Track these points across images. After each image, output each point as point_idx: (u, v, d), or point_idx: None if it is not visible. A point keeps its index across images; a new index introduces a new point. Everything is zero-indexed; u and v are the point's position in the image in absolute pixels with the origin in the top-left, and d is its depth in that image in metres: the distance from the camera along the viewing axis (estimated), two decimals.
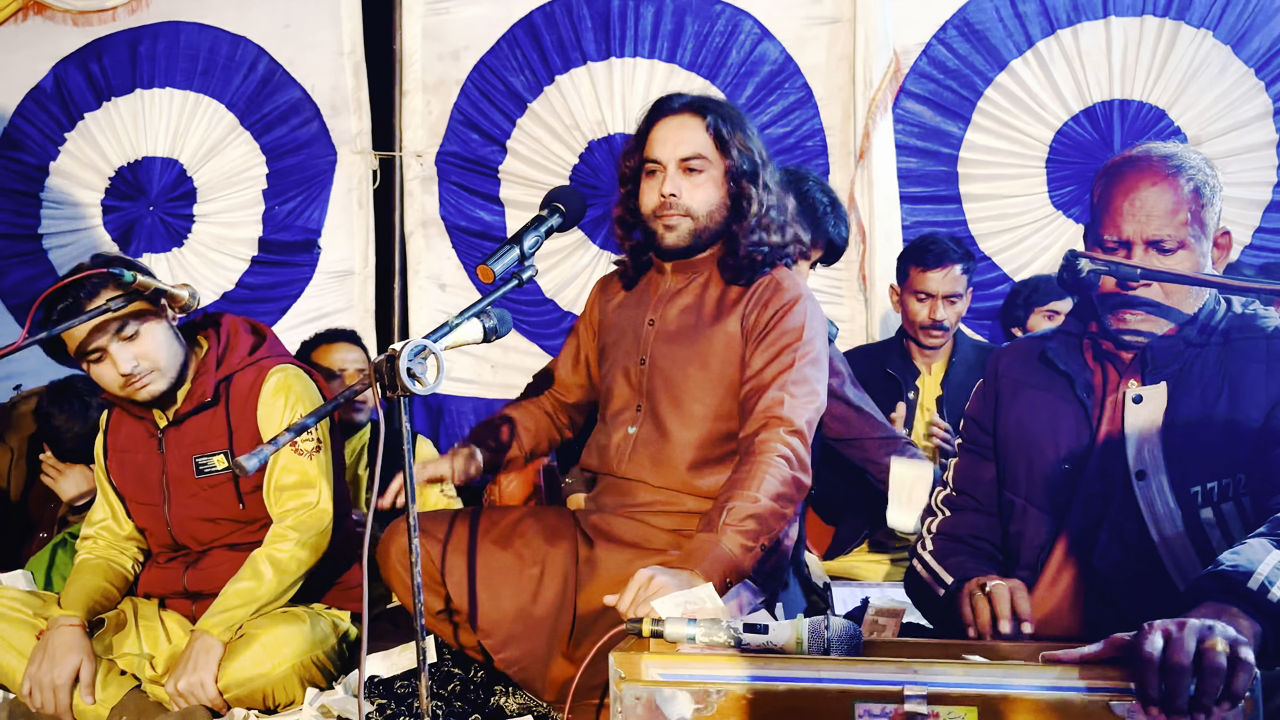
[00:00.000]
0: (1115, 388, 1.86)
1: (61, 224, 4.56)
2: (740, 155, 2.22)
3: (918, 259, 3.22)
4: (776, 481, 2.03)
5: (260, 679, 2.23)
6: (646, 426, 2.26)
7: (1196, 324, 1.82)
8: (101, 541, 2.56)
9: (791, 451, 2.07)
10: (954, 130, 3.85)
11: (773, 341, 2.19)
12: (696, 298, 2.29)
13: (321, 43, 4.35)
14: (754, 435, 2.11)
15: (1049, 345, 1.96)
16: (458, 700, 2.21)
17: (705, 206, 2.23)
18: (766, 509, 1.99)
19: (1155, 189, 1.79)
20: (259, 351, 2.54)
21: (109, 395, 2.43)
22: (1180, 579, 1.73)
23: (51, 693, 2.25)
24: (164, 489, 2.46)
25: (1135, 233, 1.80)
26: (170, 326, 2.43)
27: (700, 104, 2.26)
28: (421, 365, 1.68)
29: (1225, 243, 1.86)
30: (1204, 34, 3.61)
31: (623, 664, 1.42)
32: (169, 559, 2.53)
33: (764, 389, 2.14)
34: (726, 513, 1.97)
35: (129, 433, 2.52)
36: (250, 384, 2.46)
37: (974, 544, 2.00)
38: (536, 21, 4.16)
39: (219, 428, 2.44)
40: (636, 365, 2.29)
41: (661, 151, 2.24)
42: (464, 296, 4.31)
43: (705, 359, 2.23)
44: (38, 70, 4.55)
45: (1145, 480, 1.77)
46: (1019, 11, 3.75)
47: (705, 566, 1.90)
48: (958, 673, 1.33)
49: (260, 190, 4.42)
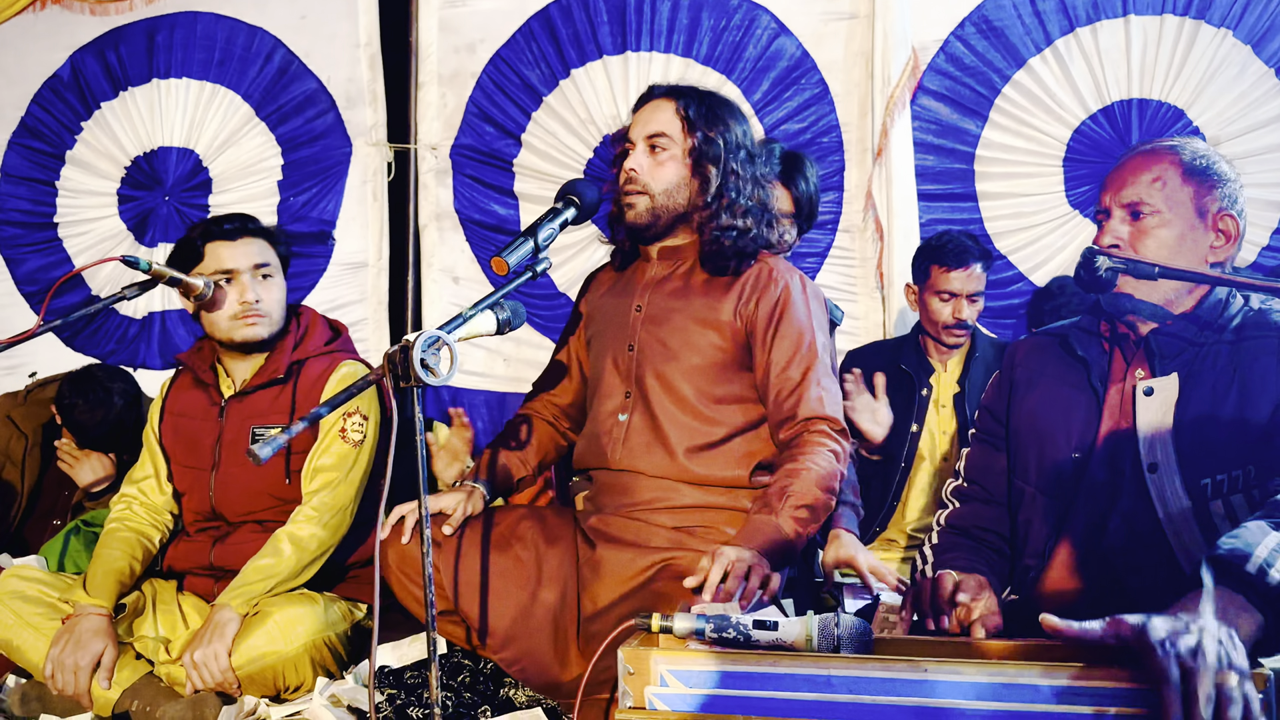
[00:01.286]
0: (1123, 376, 1.86)
1: (77, 213, 4.58)
2: (706, 138, 2.23)
3: (938, 258, 3.20)
4: (828, 476, 2.10)
5: (273, 656, 2.26)
6: (637, 413, 2.25)
7: (1202, 317, 1.82)
8: (137, 506, 2.61)
9: (841, 448, 2.16)
10: (971, 128, 3.83)
11: (786, 334, 2.21)
12: (683, 283, 2.29)
13: (338, 34, 4.36)
14: (800, 435, 2.16)
15: (1071, 333, 1.97)
16: (467, 691, 2.22)
17: (662, 184, 2.23)
18: (821, 500, 2.08)
19: (1140, 158, 1.84)
20: (334, 344, 2.64)
21: (205, 335, 2.58)
22: (1190, 568, 1.73)
23: (73, 675, 2.29)
24: (215, 455, 2.53)
25: (1113, 199, 1.85)
26: (285, 291, 2.59)
27: (681, 90, 2.29)
28: (435, 356, 1.68)
29: (1229, 229, 1.84)
30: (1224, 33, 3.58)
31: (631, 659, 1.42)
32: (200, 529, 2.57)
33: (799, 388, 2.18)
34: (786, 498, 2.04)
35: (190, 399, 2.60)
36: (321, 372, 2.55)
37: (978, 536, 2.01)
38: (553, 15, 4.16)
39: (283, 405, 2.52)
40: (625, 352, 2.29)
41: (634, 131, 2.28)
42: (477, 290, 4.31)
43: (694, 345, 2.23)
44: (55, 59, 4.57)
45: (1157, 472, 1.77)
46: (1038, 9, 3.73)
47: (762, 546, 1.96)
48: (970, 672, 1.32)
49: (275, 181, 4.42)
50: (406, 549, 2.20)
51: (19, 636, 2.37)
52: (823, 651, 1.47)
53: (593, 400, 2.37)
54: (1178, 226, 1.81)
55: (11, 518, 3.37)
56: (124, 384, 3.31)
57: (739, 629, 1.50)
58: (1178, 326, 1.83)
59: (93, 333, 4.54)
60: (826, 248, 3.97)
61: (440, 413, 4.30)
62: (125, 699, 2.30)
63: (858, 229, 3.92)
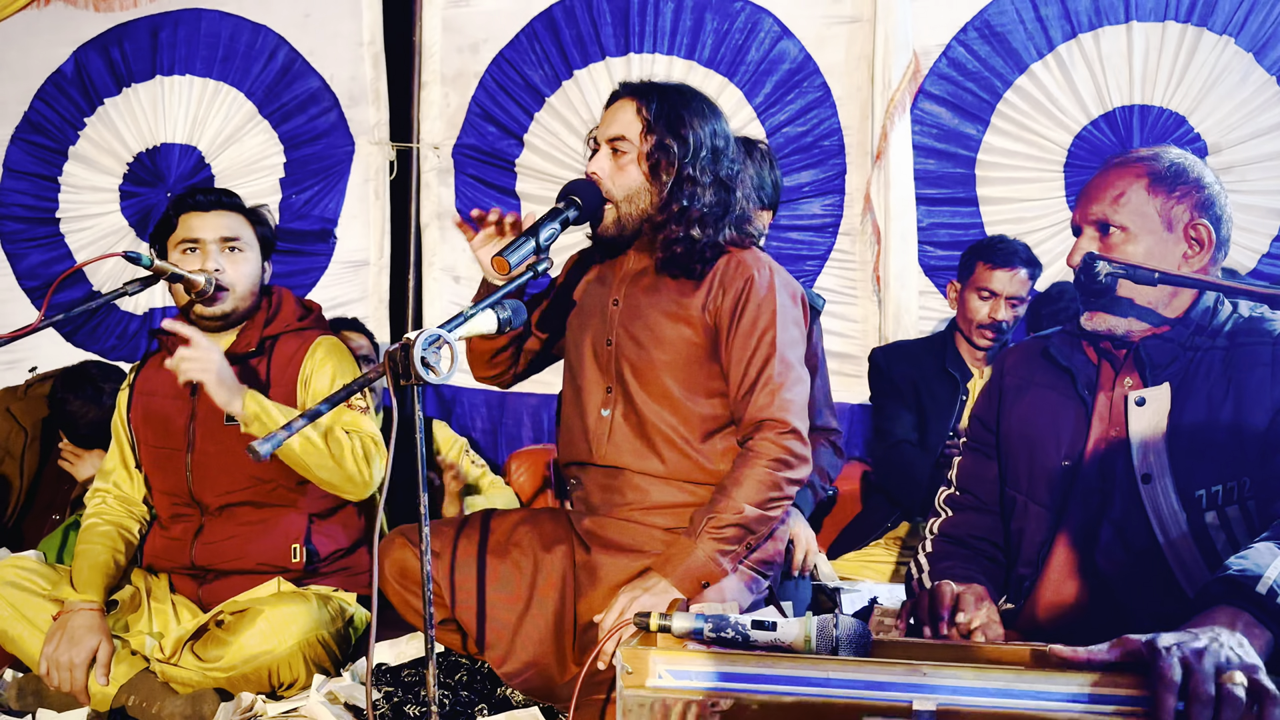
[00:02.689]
0: (1111, 384, 1.86)
1: (79, 208, 4.58)
2: (661, 143, 2.16)
3: (986, 256, 3.21)
4: (766, 487, 2.09)
5: (265, 656, 2.25)
6: (621, 408, 2.23)
7: (1191, 324, 1.82)
8: (111, 499, 2.59)
9: (786, 453, 2.12)
10: (972, 132, 3.83)
11: (747, 331, 2.17)
12: (655, 278, 2.26)
13: (341, 33, 4.36)
14: (749, 438, 2.15)
15: (1051, 342, 1.97)
16: (464, 690, 2.22)
17: (624, 190, 2.19)
18: (752, 516, 2.08)
19: (1108, 174, 1.86)
20: (307, 321, 2.65)
21: (177, 310, 2.59)
22: (1185, 580, 1.73)
23: (69, 672, 2.28)
24: (189, 436, 2.51)
25: (1082, 216, 1.87)
26: (261, 273, 2.60)
27: (644, 88, 2.22)
28: (435, 355, 1.68)
29: (1200, 236, 1.83)
30: (1226, 41, 3.58)
31: (630, 659, 1.42)
32: (175, 516, 2.54)
33: (752, 390, 2.15)
34: (708, 520, 2.07)
35: (162, 379, 2.56)
36: (295, 349, 2.55)
37: (973, 545, 2.01)
38: (556, 16, 4.16)
39: (256, 383, 2.50)
40: (604, 346, 2.27)
41: (599, 132, 2.25)
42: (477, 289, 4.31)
43: (667, 341, 2.21)
44: (59, 55, 4.57)
45: (1151, 483, 1.77)
46: (1040, 15, 3.73)
47: (679, 574, 2.04)
48: (968, 676, 1.32)
49: (277, 179, 4.43)
50: (404, 561, 2.20)
51: (14, 628, 2.37)
52: (821, 653, 1.48)
53: (570, 390, 2.35)
54: (1145, 241, 1.82)
55: (10, 512, 3.37)
56: (117, 383, 3.31)
57: (737, 629, 1.50)
58: (1167, 333, 1.83)
59: (93, 329, 4.55)
60: (827, 251, 3.97)
61: (439, 411, 4.30)
62: (122, 694, 2.29)
63: (858, 232, 3.93)
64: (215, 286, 2.47)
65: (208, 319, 2.51)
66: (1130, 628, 1.32)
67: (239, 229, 2.55)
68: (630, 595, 2.01)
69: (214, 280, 2.46)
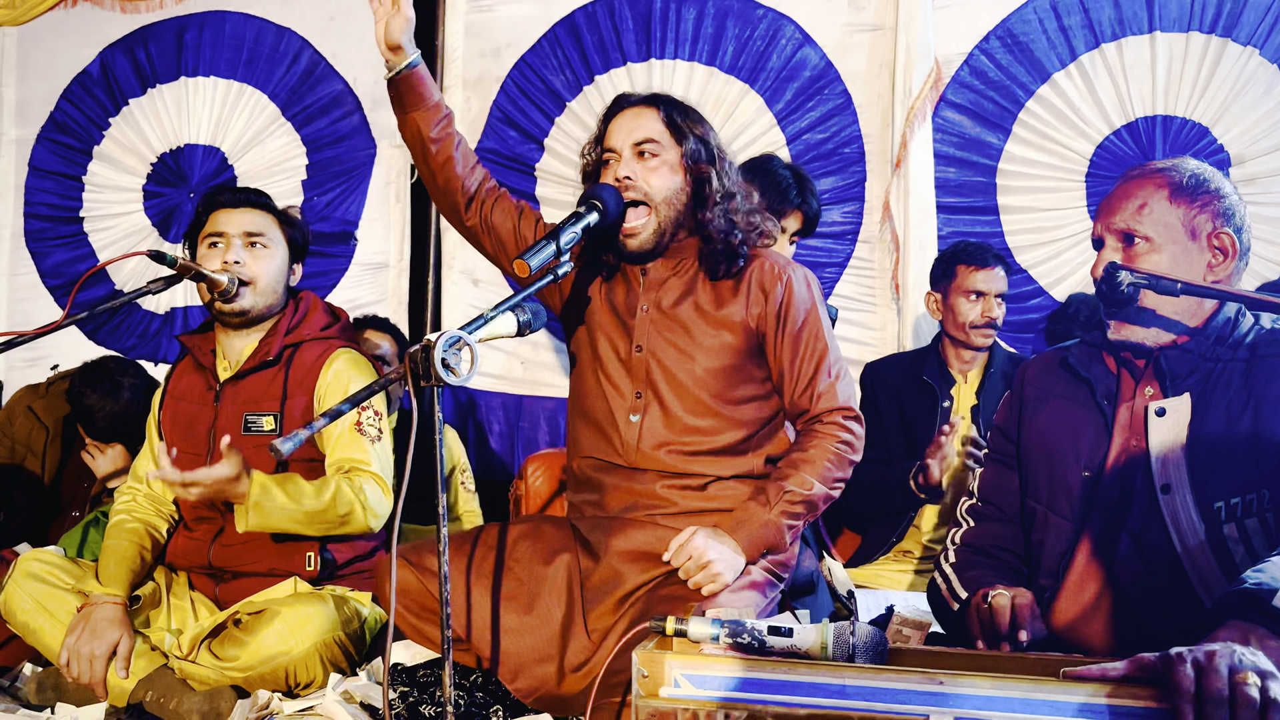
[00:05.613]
0: (1131, 394, 1.86)
1: (103, 207, 4.62)
2: (696, 141, 2.25)
3: (964, 259, 3.26)
4: (834, 468, 2.19)
5: (283, 656, 2.26)
6: (651, 415, 2.24)
7: (1211, 334, 1.81)
8: (140, 497, 2.62)
9: (853, 436, 2.23)
10: (994, 141, 3.83)
11: (796, 330, 2.24)
12: (688, 284, 2.28)
13: (365, 36, 4.38)
14: (817, 419, 2.23)
15: (1070, 353, 1.97)
16: (479, 690, 2.22)
17: (661, 192, 2.23)
18: (820, 494, 2.17)
19: (1128, 185, 1.87)
20: (331, 330, 2.64)
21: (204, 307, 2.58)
22: (1204, 592, 1.72)
23: (89, 664, 2.30)
24: (210, 442, 2.52)
25: (1104, 227, 1.88)
26: (287, 273, 2.61)
27: (654, 98, 2.31)
28: (456, 356, 1.69)
29: (1224, 245, 1.83)
30: (1250, 52, 3.56)
31: (645, 662, 1.42)
32: (198, 519, 2.56)
33: (811, 383, 2.24)
34: (784, 492, 2.14)
35: (189, 383, 2.61)
36: (316, 357, 2.54)
37: (996, 555, 2.00)
38: (578, 21, 4.17)
39: (275, 390, 2.51)
40: (632, 351, 2.27)
41: (616, 140, 2.27)
42: (496, 292, 4.32)
43: (708, 346, 2.23)
44: (85, 55, 4.63)
45: (1170, 494, 1.76)
46: (1063, 24, 3.72)
47: (748, 538, 2.12)
48: (985, 685, 1.32)
49: (300, 181, 4.46)
50: (404, 581, 2.19)
51: (35, 620, 2.38)
52: (837, 660, 1.47)
53: (586, 391, 2.33)
54: (1169, 250, 1.81)
55: (33, 508, 3.40)
56: (135, 378, 3.32)
57: (754, 634, 1.50)
58: (1187, 343, 1.82)
59: (115, 327, 4.58)
60: (846, 258, 3.97)
61: (455, 416, 4.32)
62: (140, 689, 2.31)
63: (877, 240, 3.92)
64: (237, 283, 2.48)
65: (228, 315, 2.52)
66: (1149, 639, 1.32)
67: (265, 226, 2.57)
68: (705, 539, 2.09)
69: (236, 278, 2.47)
